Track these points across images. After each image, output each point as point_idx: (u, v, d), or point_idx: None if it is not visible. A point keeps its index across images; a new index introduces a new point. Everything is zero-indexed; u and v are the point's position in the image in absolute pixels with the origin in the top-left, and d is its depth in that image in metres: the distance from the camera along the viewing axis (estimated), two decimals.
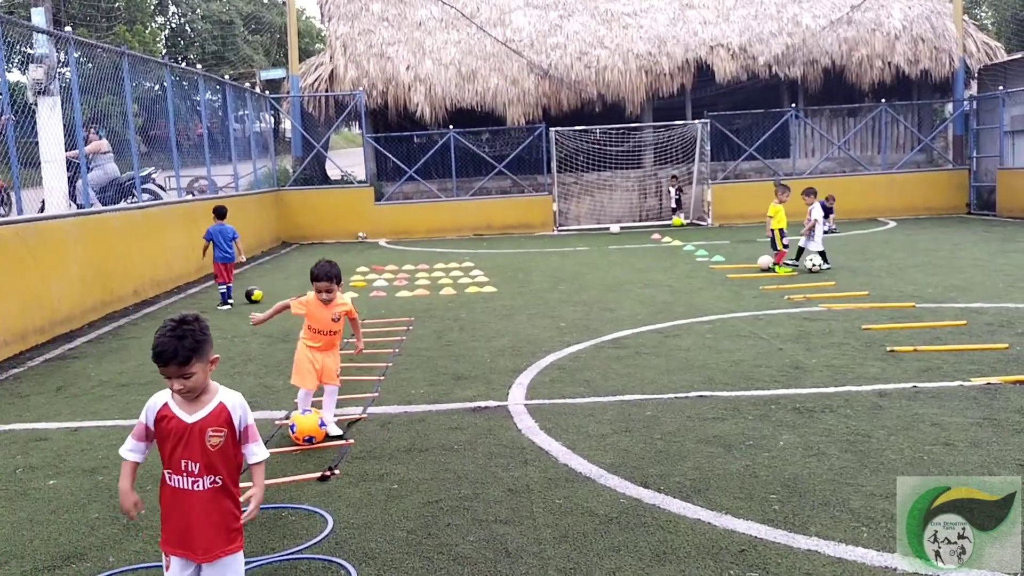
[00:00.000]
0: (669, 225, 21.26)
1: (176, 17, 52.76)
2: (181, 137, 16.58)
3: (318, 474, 5.00)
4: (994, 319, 8.69)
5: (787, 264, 12.95)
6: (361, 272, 14.63)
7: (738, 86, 22.47)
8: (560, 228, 21.63)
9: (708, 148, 21.47)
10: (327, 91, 21.89)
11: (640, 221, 22.39)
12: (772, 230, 13.07)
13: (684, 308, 10.02)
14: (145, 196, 15.62)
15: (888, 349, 7.49)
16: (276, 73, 31.23)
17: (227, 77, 18.97)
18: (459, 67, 21.81)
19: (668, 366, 7.27)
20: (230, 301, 11.86)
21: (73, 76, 10.96)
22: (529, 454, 5.24)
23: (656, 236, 18.95)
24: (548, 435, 5.57)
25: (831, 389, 6.36)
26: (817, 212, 12.95)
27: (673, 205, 21.81)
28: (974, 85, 23.49)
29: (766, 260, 12.97)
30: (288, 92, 22.43)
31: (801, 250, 13.08)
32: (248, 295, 12.09)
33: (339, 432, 5.70)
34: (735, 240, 17.63)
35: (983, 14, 35.53)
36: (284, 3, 55.92)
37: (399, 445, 5.51)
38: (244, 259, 12.70)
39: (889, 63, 21.64)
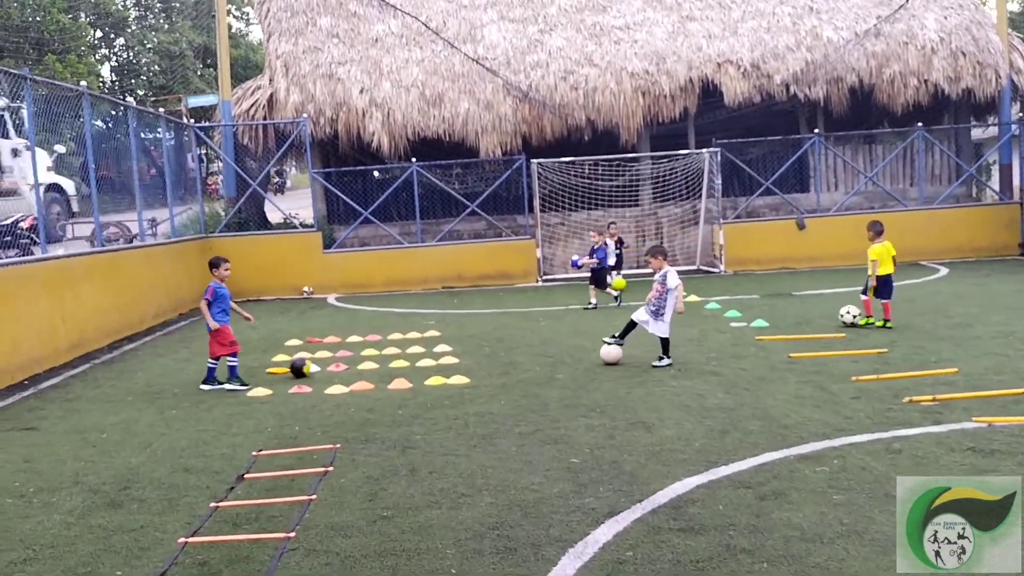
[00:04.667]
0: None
1: (124, 50, 49.21)
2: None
3: None
4: None
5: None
6: (289, 349, 10.99)
7: (748, 110, 19.31)
8: (545, 278, 18.15)
9: (718, 181, 18.16)
10: (265, 119, 18.37)
11: (638, 268, 18.94)
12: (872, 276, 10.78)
13: (760, 422, 6.49)
14: (11, 252, 12.03)
15: None
16: (206, 99, 27.58)
17: (134, 100, 15.43)
18: (423, 90, 18.41)
19: None
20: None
21: None
22: None
23: None
24: None
25: None
26: (673, 279, 8.95)
27: (610, 262, 15.82)
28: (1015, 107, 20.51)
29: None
30: (219, 120, 18.87)
31: (631, 326, 9.13)
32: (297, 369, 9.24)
33: None
34: (765, 294, 14.22)
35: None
36: (237, 32, 52.72)
37: None
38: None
39: (926, 81, 18.55)
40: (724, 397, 7.34)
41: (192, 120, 19.58)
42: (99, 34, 47.14)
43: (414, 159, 17.91)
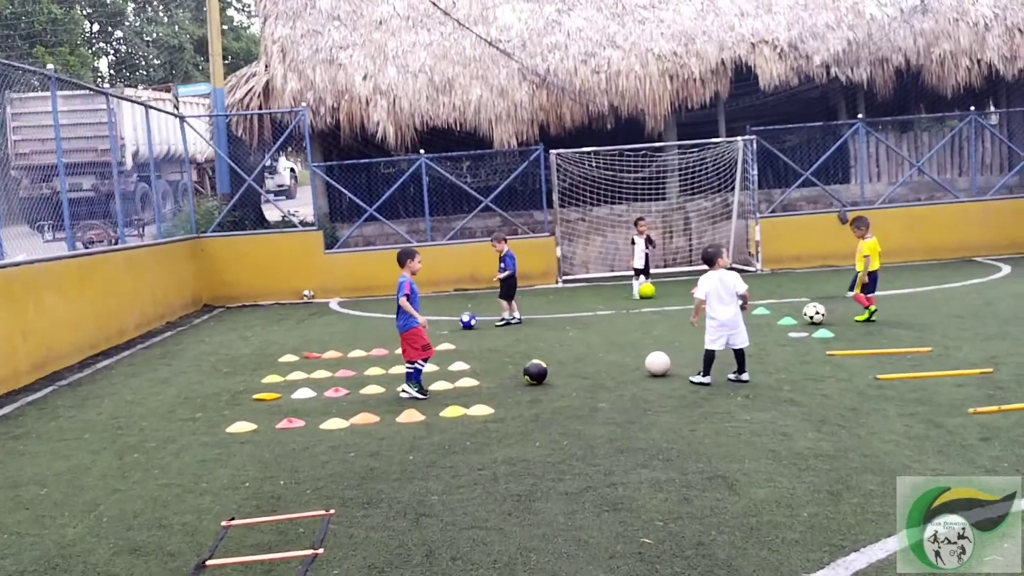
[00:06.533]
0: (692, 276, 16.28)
1: (122, 44, 47.90)
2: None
3: None
4: None
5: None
6: (282, 367, 9.58)
7: (780, 95, 17.78)
8: (565, 279, 16.68)
9: (754, 172, 16.66)
10: (261, 108, 16.95)
11: (667, 267, 17.48)
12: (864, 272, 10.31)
13: (878, 478, 5.02)
14: None
15: None
16: (197, 88, 26.11)
17: (138, 94, 14.02)
18: (431, 75, 16.96)
19: None
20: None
21: None
22: None
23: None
24: None
25: None
26: (708, 283, 7.69)
27: (638, 264, 14.13)
28: None
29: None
30: (211, 110, 17.45)
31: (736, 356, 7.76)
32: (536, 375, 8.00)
33: None
34: (815, 297, 12.71)
35: None
36: (239, 24, 51.33)
37: None
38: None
39: (979, 60, 17.01)
40: (816, 437, 5.87)
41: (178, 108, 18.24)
42: (96, 27, 45.88)
43: (422, 151, 16.46)
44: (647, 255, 14.21)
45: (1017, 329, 9.27)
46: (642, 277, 14.02)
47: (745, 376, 7.63)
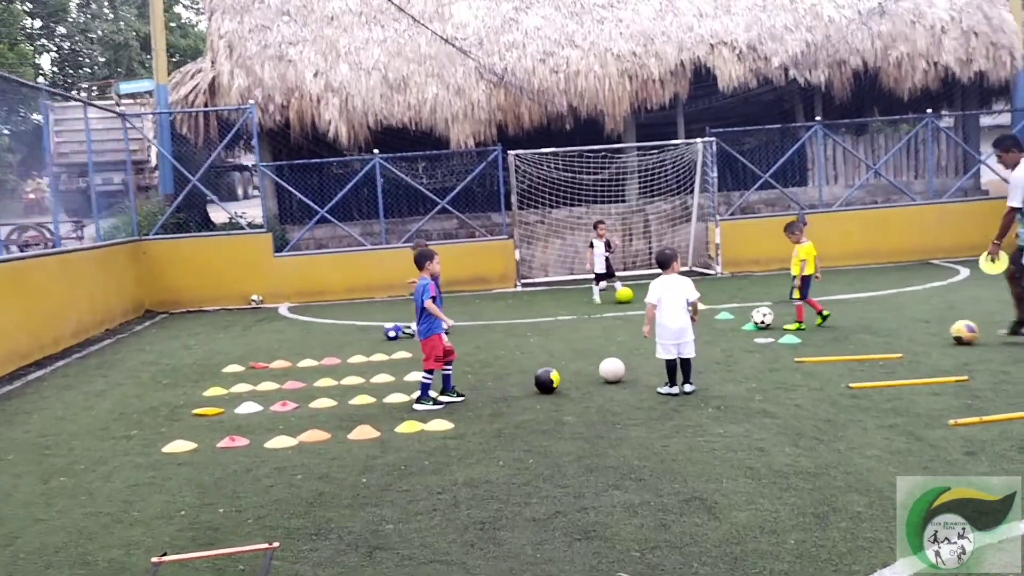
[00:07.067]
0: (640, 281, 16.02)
1: (65, 40, 46.42)
2: None
3: None
4: None
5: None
6: (226, 378, 9.04)
7: (736, 98, 17.64)
8: (524, 282, 16.30)
9: (713, 174, 16.47)
10: (207, 105, 16.28)
11: (627, 270, 17.18)
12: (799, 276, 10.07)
13: (864, 498, 4.70)
14: None
15: None
16: (140, 85, 25.20)
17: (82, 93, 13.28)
18: (385, 73, 16.48)
19: None
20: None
21: None
22: None
23: None
24: None
25: None
26: (659, 287, 7.41)
27: (599, 269, 13.73)
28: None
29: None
30: (154, 107, 16.74)
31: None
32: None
33: None
34: (777, 301, 12.49)
35: None
36: (187, 21, 50.10)
37: None
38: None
39: (936, 63, 17.04)
40: (794, 453, 5.56)
41: (123, 107, 17.50)
42: (38, 23, 44.39)
43: (376, 151, 15.96)
44: (607, 259, 13.87)
45: (985, 334, 9.10)
46: (603, 282, 13.69)
47: (688, 388, 7.30)
